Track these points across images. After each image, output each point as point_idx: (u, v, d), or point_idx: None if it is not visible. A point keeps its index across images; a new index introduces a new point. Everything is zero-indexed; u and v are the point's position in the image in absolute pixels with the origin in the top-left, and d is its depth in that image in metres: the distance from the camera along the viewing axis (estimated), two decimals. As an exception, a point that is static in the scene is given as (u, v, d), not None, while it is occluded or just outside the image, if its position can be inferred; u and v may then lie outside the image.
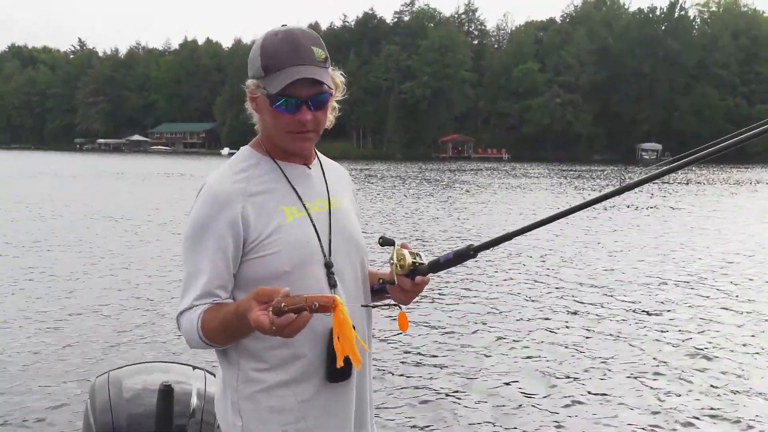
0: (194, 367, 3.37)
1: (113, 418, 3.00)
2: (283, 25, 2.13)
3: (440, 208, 26.57)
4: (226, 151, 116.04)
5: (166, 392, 2.89)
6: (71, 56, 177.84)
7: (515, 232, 2.22)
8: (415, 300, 2.28)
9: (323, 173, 2.28)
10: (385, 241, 2.25)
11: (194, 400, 3.07)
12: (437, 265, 2.23)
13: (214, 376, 3.23)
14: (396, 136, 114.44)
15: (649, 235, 18.82)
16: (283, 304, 1.72)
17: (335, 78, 2.15)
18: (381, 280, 2.27)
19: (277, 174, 2.15)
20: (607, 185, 41.86)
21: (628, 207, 26.80)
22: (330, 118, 2.19)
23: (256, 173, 2.13)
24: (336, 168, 2.41)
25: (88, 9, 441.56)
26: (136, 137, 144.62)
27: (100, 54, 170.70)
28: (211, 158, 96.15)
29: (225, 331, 1.97)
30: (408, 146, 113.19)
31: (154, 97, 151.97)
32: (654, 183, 27.59)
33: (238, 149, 2.23)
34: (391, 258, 2.20)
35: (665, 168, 2.13)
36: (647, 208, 26.70)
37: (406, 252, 2.20)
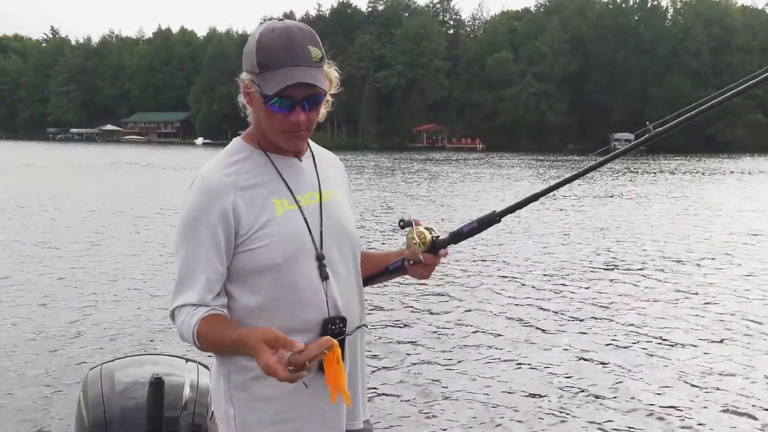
0: (187, 360, 3.38)
1: (106, 411, 3.03)
2: (280, 19, 2.13)
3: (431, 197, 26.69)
4: (200, 141, 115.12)
5: (157, 384, 2.91)
6: (43, 45, 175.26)
7: (541, 193, 2.31)
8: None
9: (315, 165, 2.29)
10: (406, 224, 2.30)
11: (187, 392, 3.09)
12: (461, 235, 2.30)
13: (207, 369, 3.29)
14: (371, 126, 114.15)
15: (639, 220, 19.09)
16: (307, 362, 1.80)
17: (329, 74, 2.17)
18: (411, 262, 2.29)
19: (268, 167, 2.17)
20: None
21: (595, 197, 27.06)
22: (322, 112, 2.21)
23: (247, 166, 2.15)
24: (329, 158, 2.42)
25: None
26: (109, 127, 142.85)
27: (73, 42, 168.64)
28: (187, 148, 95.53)
29: (222, 349, 2.11)
30: (383, 136, 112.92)
31: (127, 86, 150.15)
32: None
33: (212, 139, 2.24)
34: (412, 238, 2.26)
35: (649, 135, 2.37)
36: (616, 196, 26.95)
37: (423, 229, 2.27)
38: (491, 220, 2.26)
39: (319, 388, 2.13)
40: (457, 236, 2.30)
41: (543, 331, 8.82)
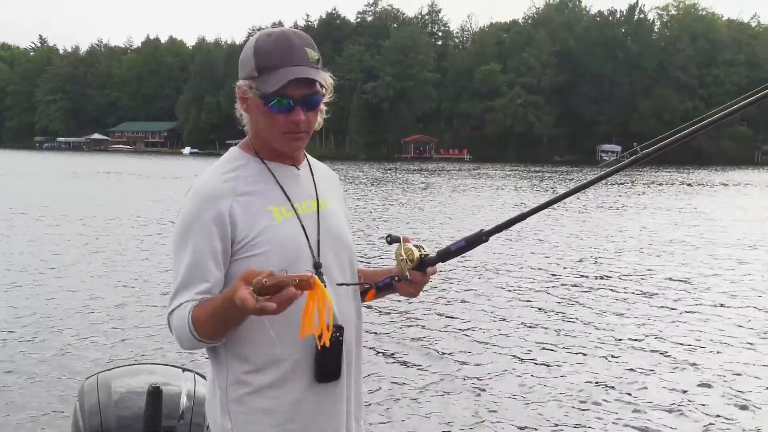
0: (184, 369, 3.37)
1: (102, 420, 3.01)
2: (274, 26, 2.17)
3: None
4: (187, 150, 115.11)
5: (155, 394, 2.90)
6: (31, 53, 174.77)
7: (528, 213, 2.29)
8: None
9: (312, 174, 2.30)
10: (393, 239, 2.28)
11: (183, 402, 3.08)
12: (448, 254, 2.28)
13: (204, 378, 3.26)
14: (359, 137, 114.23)
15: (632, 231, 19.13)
16: (264, 280, 1.71)
17: (326, 79, 2.18)
18: (396, 278, 2.26)
19: (266, 174, 2.17)
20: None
21: (585, 207, 27.14)
22: (319, 120, 2.21)
23: (245, 173, 2.15)
24: (325, 170, 2.44)
25: (49, 5, 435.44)
26: (97, 136, 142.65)
27: (61, 51, 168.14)
28: (174, 157, 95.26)
29: (215, 320, 1.96)
30: (371, 147, 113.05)
31: (115, 96, 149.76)
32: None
33: (199, 149, 2.23)
34: (399, 254, 2.25)
35: (643, 153, 2.23)
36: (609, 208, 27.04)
37: (412, 246, 2.25)
38: (478, 239, 2.26)
39: (318, 401, 2.14)
40: (445, 255, 2.27)
41: (543, 340, 8.86)
